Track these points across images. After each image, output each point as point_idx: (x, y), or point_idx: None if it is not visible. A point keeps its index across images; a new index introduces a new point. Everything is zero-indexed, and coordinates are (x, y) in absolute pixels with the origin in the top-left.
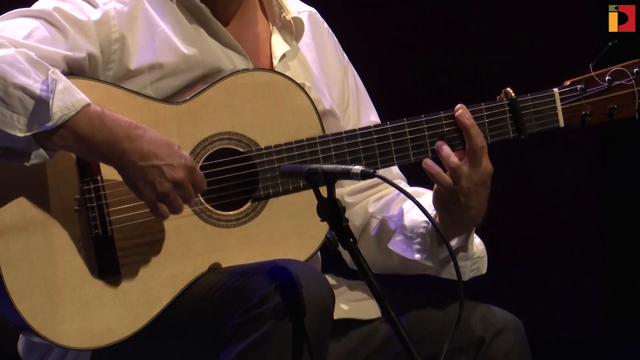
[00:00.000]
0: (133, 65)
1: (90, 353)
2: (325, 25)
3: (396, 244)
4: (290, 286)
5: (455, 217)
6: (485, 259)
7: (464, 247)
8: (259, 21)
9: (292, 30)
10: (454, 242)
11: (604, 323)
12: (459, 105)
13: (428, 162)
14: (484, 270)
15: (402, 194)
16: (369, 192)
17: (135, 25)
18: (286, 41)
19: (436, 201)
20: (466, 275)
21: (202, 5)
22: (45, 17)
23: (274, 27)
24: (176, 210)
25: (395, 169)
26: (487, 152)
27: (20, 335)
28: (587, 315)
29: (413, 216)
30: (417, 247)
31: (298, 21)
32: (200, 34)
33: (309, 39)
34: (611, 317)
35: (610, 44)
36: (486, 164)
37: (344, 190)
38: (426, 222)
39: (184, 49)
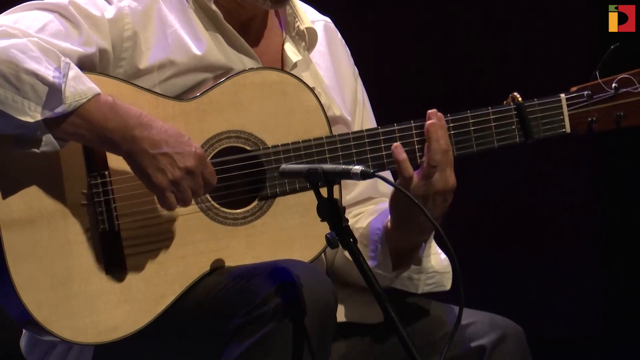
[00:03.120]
0: (143, 64)
1: (93, 350)
2: (339, 35)
3: None
4: (293, 287)
5: (404, 220)
6: (449, 275)
7: (418, 260)
8: (273, 29)
9: (306, 40)
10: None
11: (604, 323)
12: (432, 113)
13: (398, 147)
14: (447, 286)
15: (376, 210)
16: (352, 209)
17: (148, 24)
18: (299, 51)
19: (392, 200)
20: (419, 289)
21: (216, 9)
22: (59, 11)
23: (287, 36)
24: (184, 202)
25: (383, 188)
26: (453, 167)
27: (23, 333)
28: (587, 315)
29: (371, 224)
30: (371, 254)
31: (312, 32)
32: (213, 36)
33: (324, 47)
34: (611, 316)
35: (612, 47)
36: (449, 178)
37: None
38: (379, 229)
39: (196, 50)
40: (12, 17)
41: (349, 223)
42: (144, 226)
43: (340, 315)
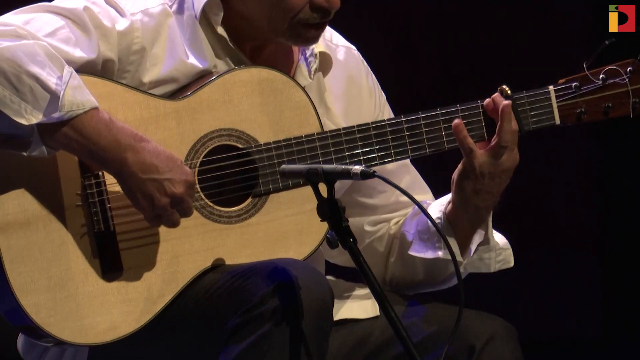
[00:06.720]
0: (147, 78)
1: (88, 350)
2: (364, 64)
3: (415, 250)
4: (290, 286)
5: (469, 197)
6: (511, 251)
7: (485, 239)
8: (289, 51)
9: (317, 64)
10: (476, 237)
11: (603, 322)
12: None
13: (459, 125)
14: (511, 262)
15: (416, 209)
16: (390, 217)
17: (158, 40)
18: (310, 74)
19: (458, 176)
20: (492, 267)
21: (222, 33)
22: (72, 17)
23: (302, 57)
24: (173, 224)
25: (421, 183)
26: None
27: (20, 333)
28: (587, 314)
29: (425, 219)
30: (437, 244)
31: (326, 56)
32: (220, 57)
33: (341, 73)
34: (610, 316)
35: (607, 42)
36: (516, 155)
37: (365, 219)
38: (439, 219)
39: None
40: (23, 17)
41: (392, 228)
42: (139, 226)
43: (335, 313)
